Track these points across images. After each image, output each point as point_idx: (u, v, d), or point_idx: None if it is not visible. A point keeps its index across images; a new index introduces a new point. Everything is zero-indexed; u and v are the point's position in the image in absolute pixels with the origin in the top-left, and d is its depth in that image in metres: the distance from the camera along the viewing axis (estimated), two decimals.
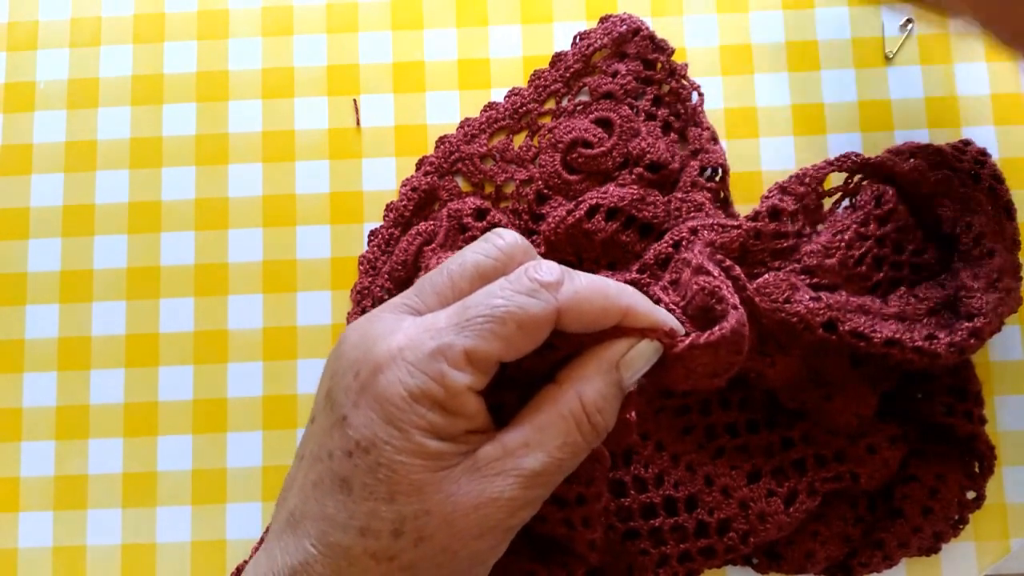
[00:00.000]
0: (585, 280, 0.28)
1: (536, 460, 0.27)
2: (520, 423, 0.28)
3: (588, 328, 0.28)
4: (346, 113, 0.44)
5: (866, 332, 0.34)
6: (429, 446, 0.26)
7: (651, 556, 0.36)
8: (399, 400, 0.26)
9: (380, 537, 0.26)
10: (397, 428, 0.26)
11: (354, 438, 0.27)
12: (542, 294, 0.27)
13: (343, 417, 0.27)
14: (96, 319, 0.42)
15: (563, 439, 0.28)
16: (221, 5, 0.45)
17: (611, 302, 0.28)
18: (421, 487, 0.26)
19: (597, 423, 0.28)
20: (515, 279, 0.27)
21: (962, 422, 0.37)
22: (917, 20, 0.43)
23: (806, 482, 0.36)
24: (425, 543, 0.26)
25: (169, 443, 0.41)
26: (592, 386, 0.28)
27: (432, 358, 0.26)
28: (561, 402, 0.28)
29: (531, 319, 0.27)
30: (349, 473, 0.27)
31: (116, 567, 0.40)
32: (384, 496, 0.26)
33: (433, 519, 0.26)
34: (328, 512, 0.27)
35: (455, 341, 0.26)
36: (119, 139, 0.43)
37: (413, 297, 0.29)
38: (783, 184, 0.39)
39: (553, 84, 0.43)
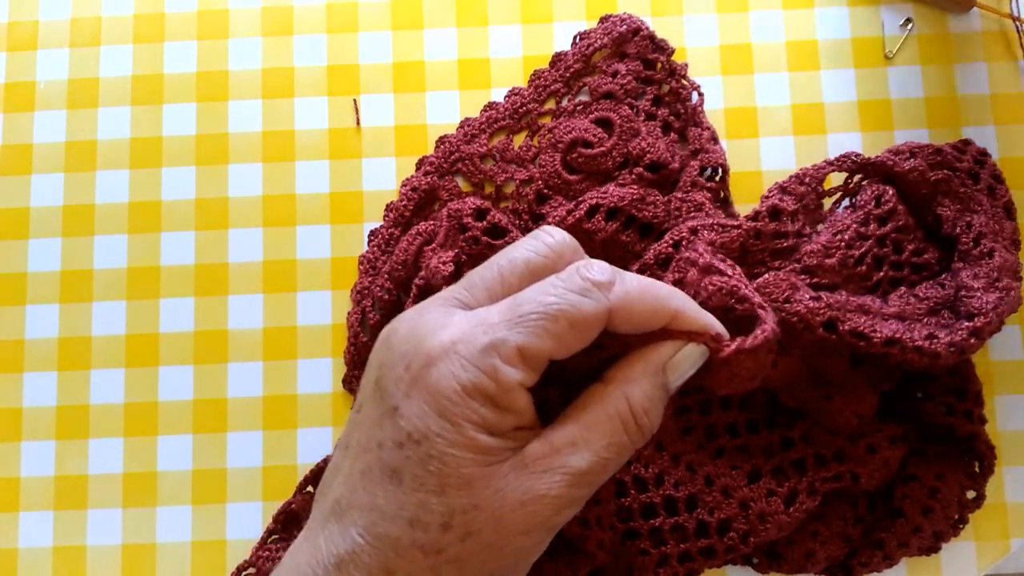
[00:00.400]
0: (636, 282, 0.28)
1: (583, 459, 0.27)
2: (567, 421, 0.28)
3: (637, 329, 0.28)
4: (346, 113, 0.44)
5: (866, 332, 0.34)
6: (480, 440, 0.26)
7: (651, 556, 0.36)
8: (452, 393, 0.26)
9: (429, 530, 0.26)
10: (450, 421, 0.26)
11: (406, 429, 0.27)
12: (595, 293, 0.27)
13: (394, 408, 0.27)
14: (96, 319, 0.42)
15: (609, 439, 0.28)
16: (221, 5, 0.45)
17: (661, 304, 0.28)
18: (471, 481, 0.26)
19: (643, 424, 0.28)
20: (567, 277, 0.27)
21: (962, 422, 0.37)
22: (917, 20, 0.43)
23: (806, 482, 0.36)
24: (473, 538, 0.26)
25: (169, 443, 0.41)
26: (639, 388, 0.28)
27: (485, 353, 0.26)
28: (608, 402, 0.28)
29: (583, 318, 0.27)
30: (400, 464, 0.27)
31: (116, 567, 0.40)
32: (434, 488, 0.26)
33: (482, 514, 0.26)
34: (377, 502, 0.27)
35: (508, 337, 0.26)
36: (119, 139, 0.43)
37: (462, 291, 0.29)
38: (783, 184, 0.39)
39: (553, 84, 0.43)
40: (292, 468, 0.40)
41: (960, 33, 0.43)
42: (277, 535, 0.39)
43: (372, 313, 0.40)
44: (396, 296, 0.40)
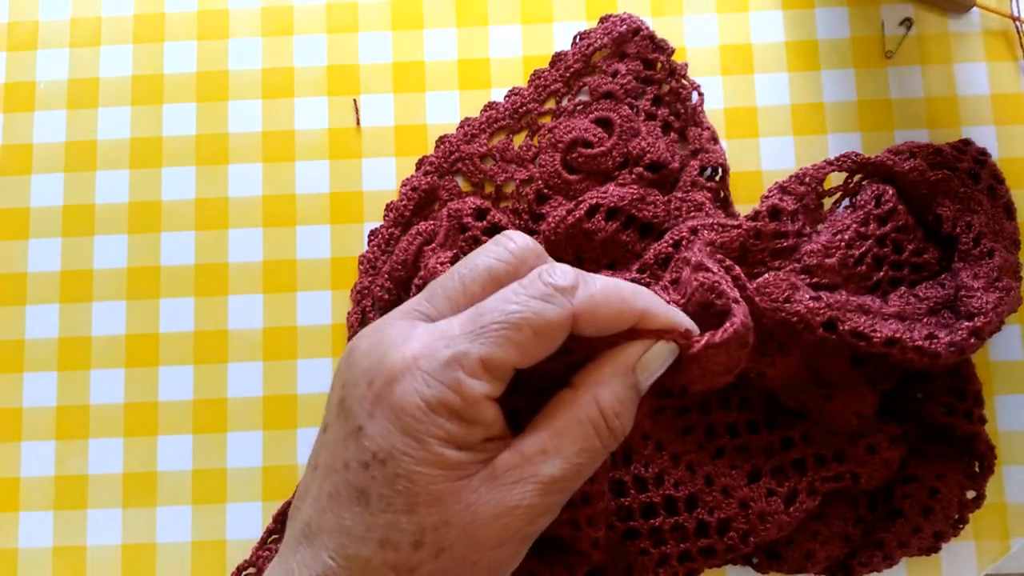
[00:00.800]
0: (600, 284, 0.28)
1: (555, 467, 0.27)
2: (537, 429, 0.28)
3: (604, 332, 0.28)
4: (346, 113, 0.44)
5: (866, 332, 0.34)
6: (447, 456, 0.26)
7: (651, 556, 0.36)
8: (416, 410, 0.26)
9: (400, 549, 0.26)
10: (415, 439, 0.26)
11: (371, 449, 0.26)
12: (557, 299, 0.27)
13: (358, 428, 0.27)
14: (96, 319, 0.42)
15: (581, 444, 0.27)
16: (221, 5, 0.45)
17: (627, 305, 0.28)
18: (440, 497, 0.26)
19: (615, 427, 0.28)
20: (529, 284, 0.27)
21: (962, 422, 0.37)
22: (917, 20, 0.43)
23: (806, 482, 0.36)
24: (445, 554, 0.26)
25: (169, 443, 0.41)
26: (609, 390, 0.28)
27: (448, 367, 0.26)
28: (578, 407, 0.28)
29: (547, 324, 0.26)
30: (366, 485, 0.26)
31: (116, 567, 0.40)
32: (403, 508, 0.26)
33: (453, 529, 0.26)
34: (345, 524, 0.27)
35: (470, 349, 0.26)
36: (119, 139, 0.43)
37: (424, 303, 0.29)
38: (783, 184, 0.39)
39: (553, 84, 0.43)
40: (292, 468, 0.40)
41: (960, 33, 0.43)
42: (277, 535, 0.39)
43: (372, 313, 0.40)
44: (396, 296, 0.40)
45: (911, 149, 0.38)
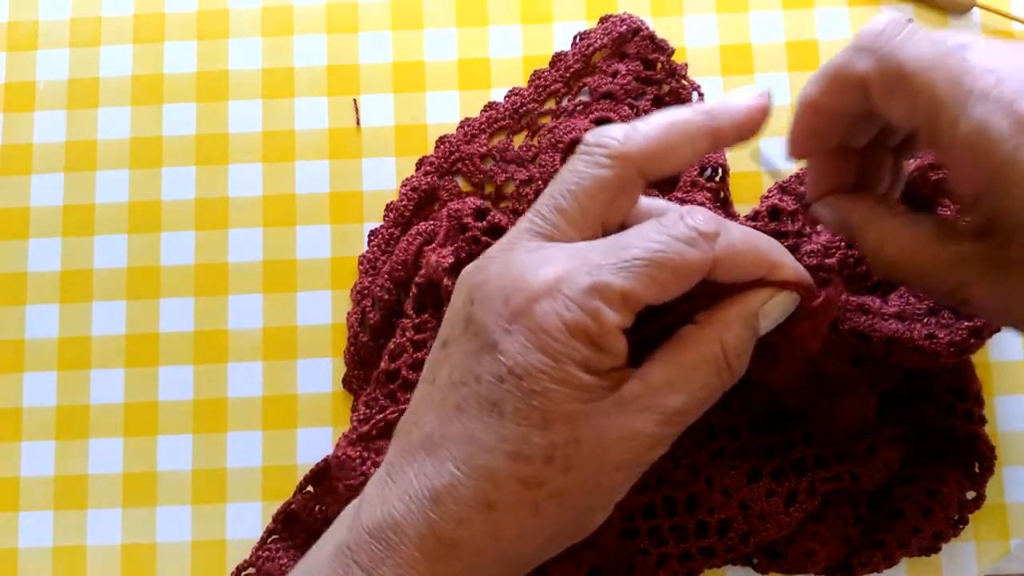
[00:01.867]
0: (739, 233, 0.28)
1: (678, 399, 0.28)
2: (662, 362, 0.28)
3: (735, 279, 0.29)
4: (346, 113, 0.44)
5: (866, 332, 0.34)
6: (581, 378, 0.27)
7: (651, 556, 0.36)
8: (555, 331, 0.26)
9: (532, 462, 0.26)
10: (552, 358, 0.26)
11: (507, 364, 0.27)
12: (700, 244, 0.27)
13: (493, 343, 0.27)
14: (96, 319, 0.42)
15: (704, 380, 0.28)
16: (221, 5, 0.45)
17: (761, 255, 0.29)
18: (573, 417, 0.27)
19: (735, 367, 0.29)
20: (672, 224, 0.27)
21: (962, 422, 0.37)
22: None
23: (806, 482, 0.36)
24: (573, 471, 0.27)
25: (169, 443, 0.41)
26: (733, 332, 0.28)
27: (589, 295, 0.26)
28: (704, 344, 0.28)
29: (688, 267, 0.27)
30: (500, 397, 0.27)
31: (116, 567, 0.40)
32: (537, 422, 0.26)
33: (583, 448, 0.27)
34: (475, 435, 0.27)
35: (613, 281, 0.27)
36: (119, 139, 0.43)
37: (540, 223, 0.29)
38: (783, 184, 0.39)
39: (553, 84, 0.43)
40: (292, 468, 0.40)
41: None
42: (277, 535, 0.39)
43: (372, 313, 0.40)
44: (396, 296, 0.40)
45: None
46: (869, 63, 0.28)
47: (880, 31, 0.28)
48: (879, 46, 0.28)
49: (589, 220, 0.29)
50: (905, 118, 0.28)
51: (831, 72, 0.29)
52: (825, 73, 0.30)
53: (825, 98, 0.30)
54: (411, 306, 0.39)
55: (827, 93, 0.30)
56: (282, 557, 0.39)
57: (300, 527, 0.39)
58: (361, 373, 0.41)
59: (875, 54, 0.28)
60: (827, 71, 0.30)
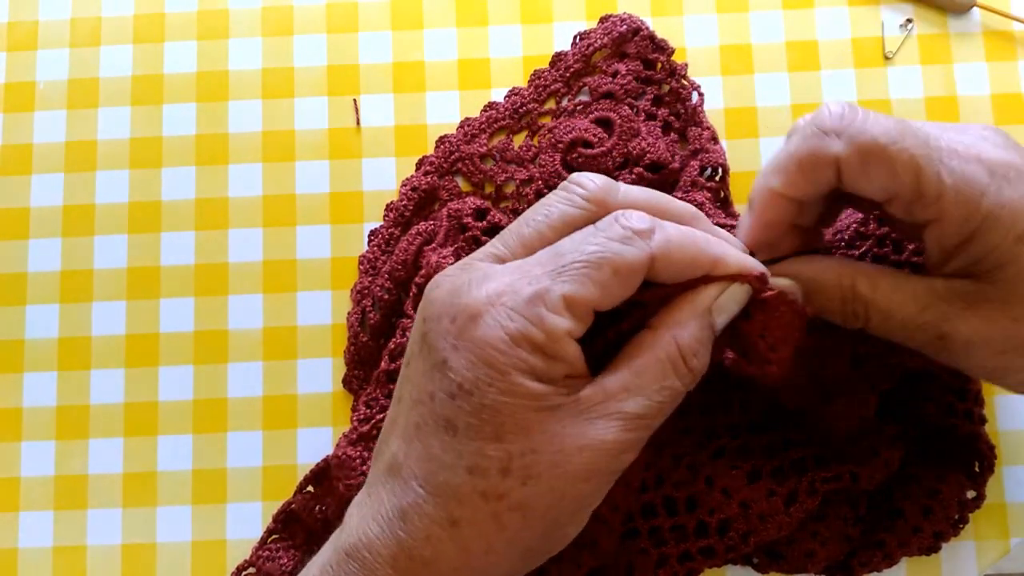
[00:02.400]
0: (675, 230, 0.29)
1: (637, 404, 0.28)
2: (618, 368, 0.28)
3: (679, 277, 0.29)
4: (346, 113, 0.44)
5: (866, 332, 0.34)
6: (530, 387, 0.27)
7: (651, 556, 0.36)
8: (499, 343, 0.27)
9: (488, 475, 0.27)
10: (498, 370, 0.27)
11: (456, 380, 0.27)
12: (636, 241, 0.27)
13: (443, 361, 0.27)
14: (96, 319, 0.42)
15: (661, 382, 0.28)
16: (221, 5, 0.45)
17: (701, 250, 0.29)
18: (527, 426, 0.27)
19: (693, 366, 0.29)
20: (606, 226, 0.28)
21: (962, 422, 0.37)
22: (917, 20, 0.43)
23: (806, 482, 0.36)
24: (532, 481, 0.27)
25: (169, 443, 0.41)
26: (687, 330, 0.29)
27: (531, 303, 0.27)
28: (657, 347, 0.28)
29: (626, 265, 0.27)
30: (453, 414, 0.27)
31: (116, 567, 0.40)
32: (490, 435, 0.27)
33: (540, 457, 0.27)
34: (434, 453, 0.27)
35: (552, 286, 0.27)
36: (119, 139, 0.43)
37: (499, 247, 0.30)
38: None
39: (553, 84, 0.43)
40: (292, 468, 0.40)
41: (960, 33, 0.43)
42: (277, 535, 0.39)
43: (372, 313, 0.40)
44: (396, 296, 0.40)
45: None
46: (841, 144, 0.29)
47: (841, 114, 0.29)
48: (845, 127, 0.29)
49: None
50: (884, 188, 0.29)
51: (801, 158, 0.30)
52: (792, 161, 0.30)
53: (794, 186, 0.30)
54: (411, 306, 0.39)
55: (796, 180, 0.30)
56: (282, 557, 0.39)
57: (300, 527, 0.39)
58: (361, 373, 0.41)
59: (844, 135, 0.29)
60: (795, 158, 0.30)
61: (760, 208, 0.32)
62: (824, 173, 0.30)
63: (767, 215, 0.31)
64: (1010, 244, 0.28)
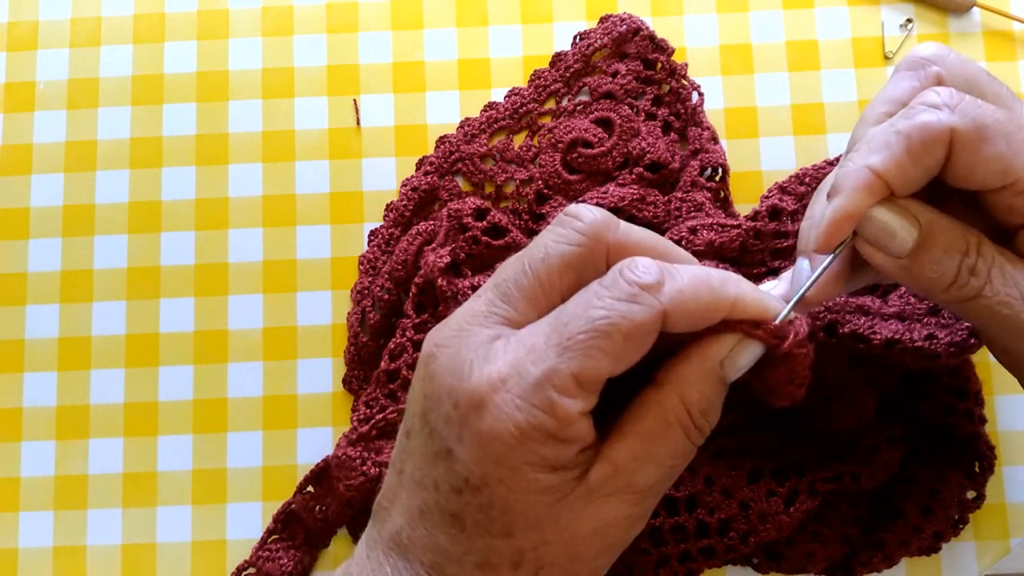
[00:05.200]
0: (687, 276, 0.25)
1: (648, 474, 0.26)
2: (625, 435, 0.26)
3: (694, 327, 0.26)
4: (346, 113, 0.44)
5: (866, 334, 0.34)
6: (543, 481, 0.25)
7: (651, 556, 0.36)
8: (509, 438, 0.24)
9: (500, 570, 0.26)
10: (509, 467, 0.25)
11: (462, 475, 0.25)
12: (645, 298, 0.25)
13: (447, 450, 0.26)
14: (96, 319, 0.42)
15: (673, 447, 0.26)
16: (221, 5, 0.45)
17: (716, 296, 0.26)
18: (538, 521, 0.25)
19: (702, 426, 0.27)
20: (612, 283, 0.25)
21: (962, 422, 0.37)
22: (917, 20, 0.43)
23: (806, 482, 0.36)
24: (545, 570, 0.26)
25: (169, 443, 0.41)
26: (696, 389, 0.26)
27: (539, 387, 0.24)
28: (666, 408, 0.26)
29: (637, 328, 0.24)
30: (460, 510, 0.26)
31: (116, 567, 0.40)
32: (500, 532, 0.25)
33: (553, 548, 0.26)
34: (441, 545, 0.26)
35: (560, 365, 0.24)
36: (119, 139, 0.43)
37: (500, 304, 0.27)
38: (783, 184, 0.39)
39: (553, 84, 0.43)
40: (292, 468, 0.40)
41: (960, 33, 0.43)
42: (277, 535, 0.39)
43: (372, 313, 0.40)
44: (396, 296, 0.40)
45: None
46: (957, 117, 0.26)
47: (951, 93, 0.26)
48: (957, 103, 0.26)
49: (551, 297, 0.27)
50: (1002, 170, 0.26)
51: (911, 132, 0.26)
52: (901, 136, 0.26)
53: (898, 166, 0.27)
54: (411, 306, 0.39)
55: (902, 159, 0.26)
56: (282, 557, 0.39)
57: (300, 527, 0.39)
58: (361, 373, 0.41)
59: (959, 109, 0.26)
60: (904, 133, 0.26)
61: (852, 192, 0.27)
62: (935, 152, 0.26)
63: (857, 201, 0.27)
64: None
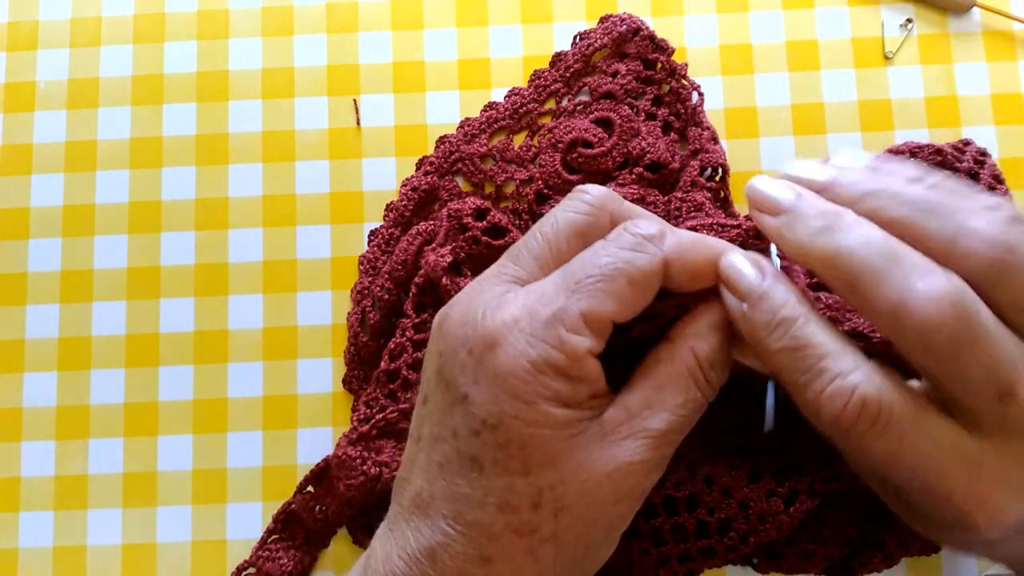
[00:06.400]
0: (687, 233, 0.28)
1: (661, 420, 0.27)
2: (639, 384, 0.28)
3: (695, 281, 0.28)
4: (346, 113, 0.44)
5: (865, 332, 0.34)
6: (557, 415, 0.26)
7: (651, 556, 0.36)
8: (522, 372, 0.26)
9: (519, 511, 0.26)
10: (523, 401, 0.26)
11: (479, 416, 0.26)
12: (647, 247, 0.27)
13: (463, 396, 0.27)
14: (96, 319, 0.42)
15: (684, 396, 0.27)
16: (221, 5, 0.45)
17: (714, 251, 0.28)
18: (554, 458, 0.26)
19: (711, 379, 0.28)
20: (616, 236, 0.27)
21: None
22: (917, 20, 0.43)
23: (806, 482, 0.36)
24: (564, 513, 0.26)
25: (169, 443, 0.41)
26: (705, 341, 0.28)
27: (549, 325, 0.26)
28: (677, 360, 0.28)
29: (640, 273, 0.26)
30: (478, 451, 0.26)
31: (116, 567, 0.40)
32: (518, 470, 0.26)
33: (569, 487, 0.26)
34: (461, 491, 0.27)
35: (569, 305, 0.26)
36: (119, 139, 0.43)
37: (510, 265, 0.29)
38: None
39: (553, 84, 0.43)
40: (292, 468, 0.40)
41: (960, 33, 0.43)
42: (277, 535, 0.39)
43: (372, 313, 0.40)
44: (396, 296, 0.40)
45: (911, 149, 0.38)
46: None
47: None
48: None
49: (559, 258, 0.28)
50: None
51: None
52: None
53: None
54: (411, 306, 0.39)
55: None
56: (282, 557, 0.39)
57: (300, 527, 0.39)
58: (361, 373, 0.41)
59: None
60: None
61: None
62: None
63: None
64: None
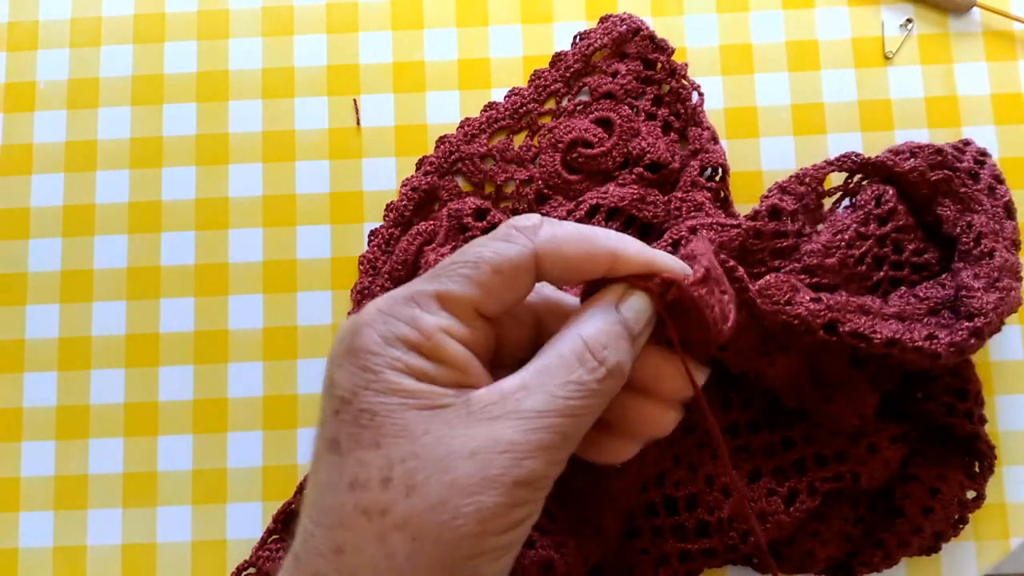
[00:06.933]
0: (568, 225, 0.27)
1: (536, 400, 0.25)
2: (520, 370, 0.26)
3: (574, 275, 0.27)
4: (346, 113, 0.44)
5: (866, 333, 0.34)
6: (406, 385, 0.25)
7: (651, 555, 0.36)
8: (373, 345, 0.26)
9: (369, 487, 0.24)
10: (373, 372, 0.25)
11: (338, 395, 0.26)
12: (518, 238, 0.26)
13: (330, 382, 0.27)
14: (96, 319, 0.42)
15: (565, 377, 0.26)
16: (221, 5, 0.45)
17: (596, 246, 0.27)
18: (406, 427, 0.25)
19: (604, 358, 0.26)
20: (494, 232, 0.27)
21: (962, 422, 0.37)
22: (917, 20, 0.43)
23: (806, 482, 0.36)
24: (417, 492, 0.24)
25: (169, 443, 0.41)
26: (591, 324, 0.27)
27: (404, 304, 0.26)
28: (561, 343, 0.26)
29: (506, 261, 0.26)
30: (336, 431, 0.26)
31: (116, 567, 0.40)
32: (370, 442, 0.25)
33: (423, 463, 0.24)
34: (320, 478, 0.26)
35: (424, 286, 0.26)
36: (119, 139, 0.43)
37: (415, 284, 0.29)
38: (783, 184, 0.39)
39: (553, 84, 0.43)
40: (292, 468, 0.40)
41: (960, 33, 0.43)
42: (277, 535, 0.39)
43: None
44: None
45: (911, 149, 0.38)
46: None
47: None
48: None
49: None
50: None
51: None
52: None
53: None
54: None
55: None
56: (282, 557, 0.39)
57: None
58: None
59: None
60: None
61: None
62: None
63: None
64: None
